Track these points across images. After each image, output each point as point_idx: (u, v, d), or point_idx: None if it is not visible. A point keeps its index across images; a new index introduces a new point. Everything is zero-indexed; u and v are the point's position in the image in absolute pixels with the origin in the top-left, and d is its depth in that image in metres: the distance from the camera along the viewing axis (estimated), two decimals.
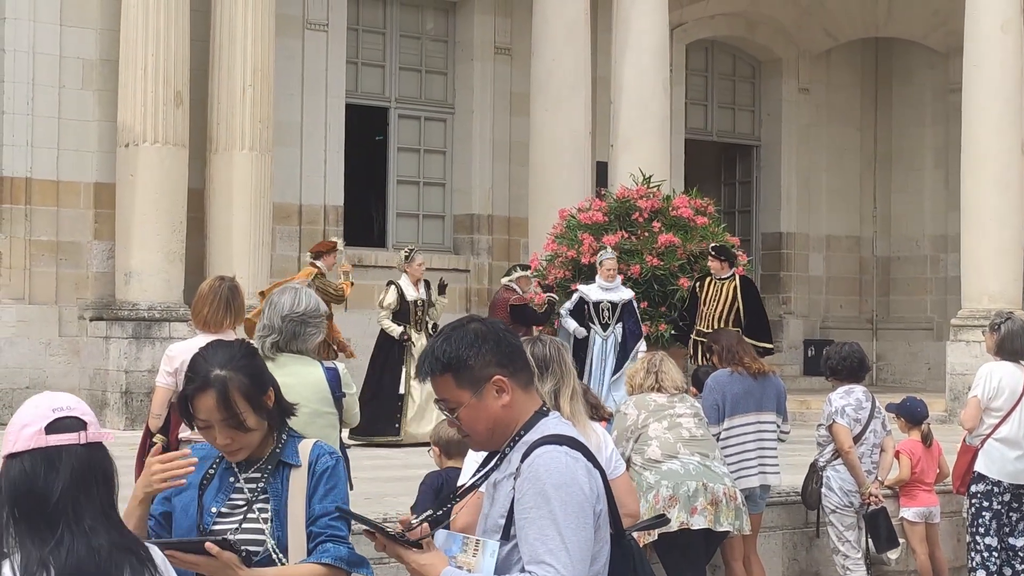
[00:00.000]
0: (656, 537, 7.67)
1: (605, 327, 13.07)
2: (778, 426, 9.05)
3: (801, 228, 22.14)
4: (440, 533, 3.47)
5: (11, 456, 2.93)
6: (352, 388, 6.41)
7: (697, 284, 14.14)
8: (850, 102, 22.73)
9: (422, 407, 13.22)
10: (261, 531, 3.96)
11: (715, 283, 14.10)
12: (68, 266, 15.31)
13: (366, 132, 19.17)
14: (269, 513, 3.98)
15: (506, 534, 3.37)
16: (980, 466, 9.25)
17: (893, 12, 21.40)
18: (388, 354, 13.61)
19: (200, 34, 15.16)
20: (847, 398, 9.18)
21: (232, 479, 4.08)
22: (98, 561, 2.86)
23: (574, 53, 16.65)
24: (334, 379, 6.19)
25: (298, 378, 6.07)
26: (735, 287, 13.97)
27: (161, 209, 14.59)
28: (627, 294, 13.32)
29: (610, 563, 3.45)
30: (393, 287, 13.67)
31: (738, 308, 13.96)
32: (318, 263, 13.79)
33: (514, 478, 3.37)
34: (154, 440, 7.23)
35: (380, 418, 13.11)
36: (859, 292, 22.86)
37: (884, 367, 22.49)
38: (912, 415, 9.97)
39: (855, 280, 22.82)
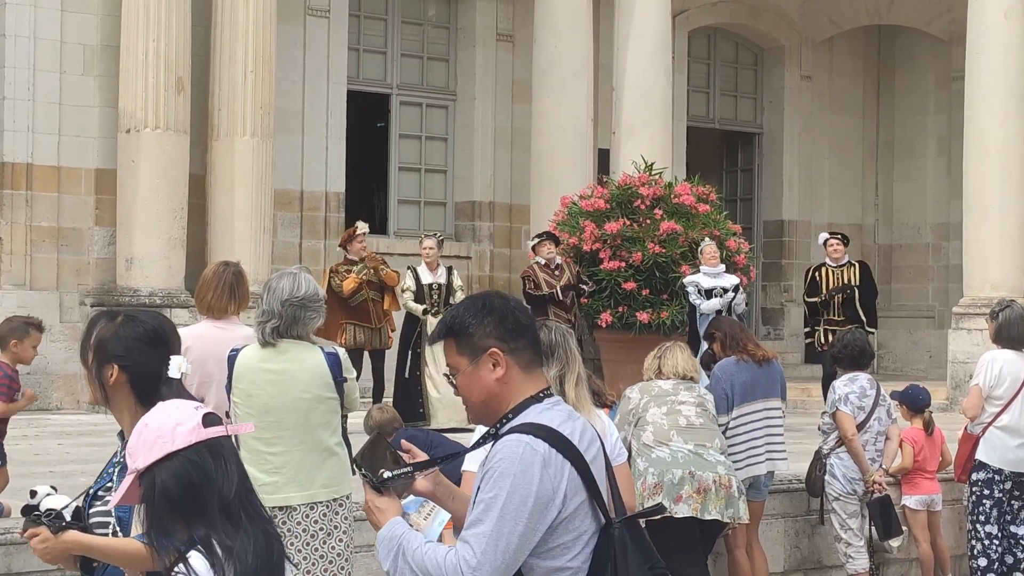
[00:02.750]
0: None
1: (719, 313, 13.06)
2: (783, 412, 9.06)
3: (803, 216, 22.11)
4: (410, 497, 3.58)
5: (172, 455, 2.95)
6: (352, 373, 6.41)
7: (815, 273, 14.37)
8: (853, 90, 22.70)
9: (443, 383, 13.25)
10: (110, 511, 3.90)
11: (833, 271, 14.29)
12: (69, 252, 15.29)
13: (367, 119, 19.14)
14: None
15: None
16: (981, 454, 9.26)
17: None
18: (406, 339, 13.66)
19: (201, 20, 15.13)
20: (851, 386, 9.18)
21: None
22: (274, 547, 2.90)
23: (576, 40, 16.61)
24: (335, 364, 6.18)
25: (299, 364, 6.07)
26: (854, 272, 14.26)
27: (162, 195, 14.57)
28: (735, 280, 13.30)
29: (594, 552, 3.49)
30: (409, 271, 13.78)
31: (854, 294, 14.19)
32: (349, 254, 13.82)
33: (486, 460, 3.47)
34: None
35: (408, 405, 13.08)
36: None
37: (885, 355, 22.47)
38: (913, 403, 9.98)
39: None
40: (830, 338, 14.17)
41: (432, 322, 13.53)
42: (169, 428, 2.99)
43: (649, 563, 3.62)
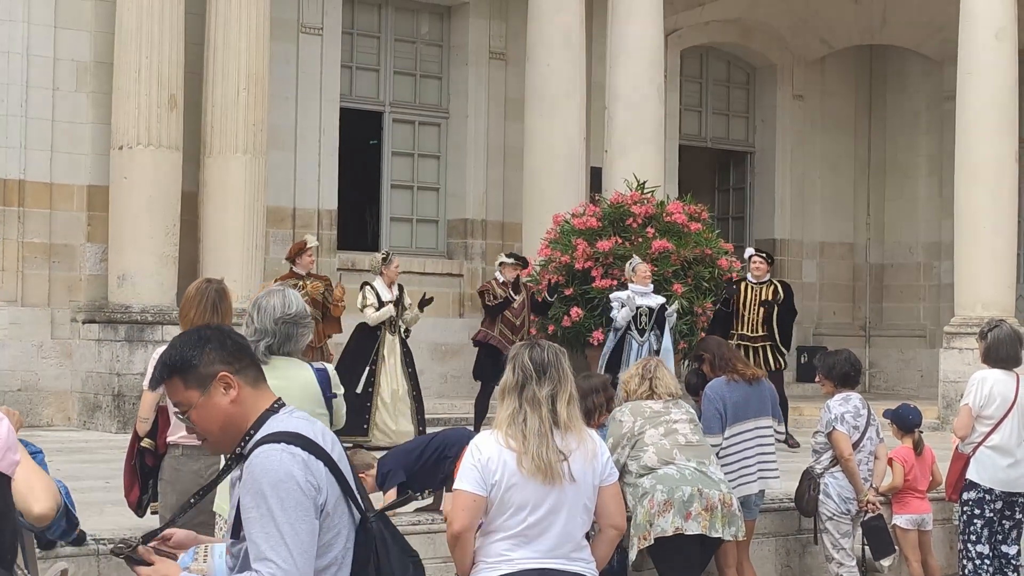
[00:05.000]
0: (652, 542, 7.66)
1: (642, 332, 13.04)
2: (776, 429, 9.04)
3: (795, 235, 22.15)
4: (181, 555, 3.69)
5: None
6: (341, 389, 6.41)
7: (735, 289, 14.41)
8: (844, 109, 22.75)
9: (391, 407, 13.16)
10: None
11: (752, 288, 14.31)
12: (61, 268, 15.29)
13: (360, 136, 19.15)
14: None
15: (236, 533, 3.55)
16: (972, 474, 9.25)
17: (888, 20, 21.42)
18: (356, 353, 13.45)
19: (195, 37, 15.14)
20: (846, 405, 9.17)
21: None
22: None
23: (569, 58, 16.64)
24: (324, 380, 6.18)
25: (290, 381, 6.07)
26: (774, 290, 14.26)
27: (154, 212, 14.57)
28: (661, 300, 13.29)
29: (355, 547, 3.63)
30: (368, 288, 13.44)
31: (772, 309, 14.20)
32: (296, 268, 13.69)
33: (240, 479, 3.56)
34: (143, 444, 7.20)
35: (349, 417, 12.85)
36: (852, 299, 22.87)
37: (877, 374, 22.49)
38: (904, 422, 9.98)
39: (848, 287, 22.82)
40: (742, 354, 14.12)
41: (390, 340, 13.39)
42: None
43: (408, 554, 3.75)
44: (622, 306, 13.00)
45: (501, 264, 14.24)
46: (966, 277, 17.08)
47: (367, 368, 13.32)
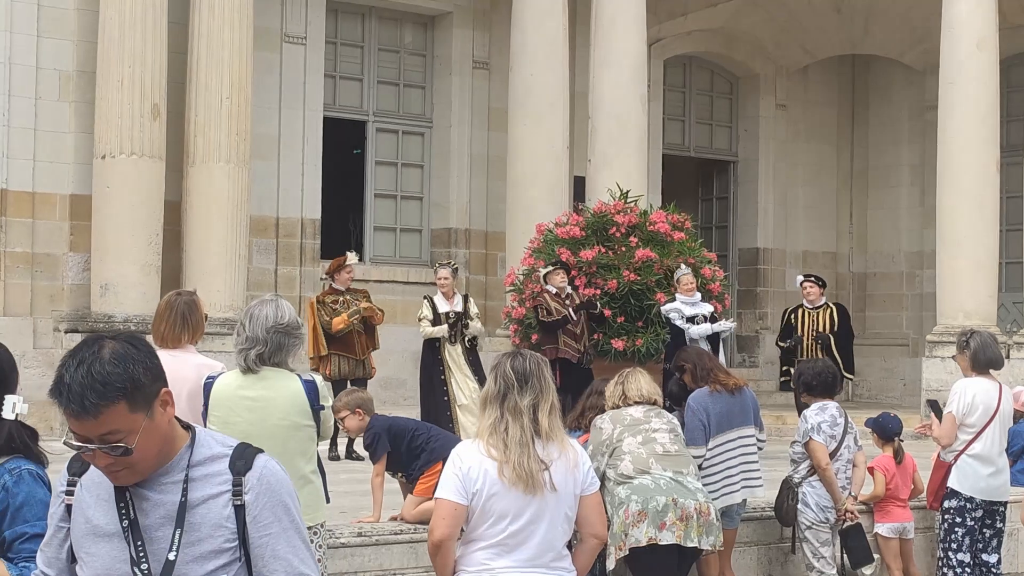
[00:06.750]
0: (627, 552, 7.67)
1: (691, 340, 13.17)
2: (757, 438, 9.07)
3: (778, 244, 22.19)
4: None
5: None
6: (329, 400, 6.40)
7: (791, 316, 14.67)
8: (827, 119, 22.81)
9: (471, 410, 13.24)
10: None
11: (809, 312, 14.56)
12: (43, 278, 15.25)
13: (344, 145, 19.15)
14: None
15: (238, 554, 3.25)
16: (953, 482, 9.29)
17: (870, 30, 21.49)
18: (424, 364, 13.67)
19: (178, 46, 15.13)
20: (822, 415, 9.20)
21: None
22: None
23: (553, 68, 16.68)
24: (312, 391, 6.18)
25: (278, 391, 6.07)
26: (831, 314, 14.50)
27: (137, 221, 14.55)
28: (709, 308, 13.42)
29: None
30: (426, 300, 13.81)
31: (829, 341, 14.44)
32: (335, 284, 13.80)
33: (233, 495, 3.22)
34: None
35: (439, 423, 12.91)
36: None
37: (860, 383, 22.52)
38: (884, 431, 10.01)
39: (831, 296, 22.83)
40: None
41: (450, 350, 13.56)
42: None
43: None
44: (681, 316, 13.09)
45: (547, 275, 13.82)
46: (948, 286, 17.14)
47: (446, 380, 13.51)
